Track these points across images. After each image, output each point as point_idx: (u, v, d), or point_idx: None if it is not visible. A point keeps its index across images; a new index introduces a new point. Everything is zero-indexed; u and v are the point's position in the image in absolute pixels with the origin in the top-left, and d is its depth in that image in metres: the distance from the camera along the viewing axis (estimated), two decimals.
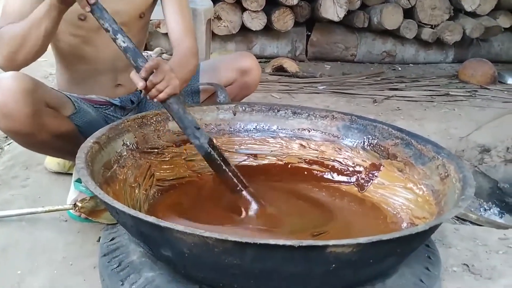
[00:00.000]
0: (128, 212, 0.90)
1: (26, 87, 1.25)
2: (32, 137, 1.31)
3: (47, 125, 1.33)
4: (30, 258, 1.27)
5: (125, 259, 1.09)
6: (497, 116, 2.73)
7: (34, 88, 1.28)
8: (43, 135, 1.33)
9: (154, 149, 1.42)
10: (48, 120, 1.33)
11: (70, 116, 1.43)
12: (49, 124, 1.34)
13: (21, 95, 1.24)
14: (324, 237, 1.21)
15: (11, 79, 1.25)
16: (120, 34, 1.23)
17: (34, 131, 1.30)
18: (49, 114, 1.34)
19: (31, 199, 1.57)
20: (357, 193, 1.44)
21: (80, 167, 1.05)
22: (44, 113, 1.32)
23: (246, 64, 1.67)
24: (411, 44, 4.03)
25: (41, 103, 1.30)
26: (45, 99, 1.33)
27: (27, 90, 1.25)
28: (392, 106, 2.89)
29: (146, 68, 1.21)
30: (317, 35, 3.96)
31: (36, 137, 1.32)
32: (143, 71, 1.21)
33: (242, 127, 1.57)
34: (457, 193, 1.10)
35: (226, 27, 3.64)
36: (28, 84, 1.26)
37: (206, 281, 0.98)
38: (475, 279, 1.22)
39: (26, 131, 1.28)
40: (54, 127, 1.35)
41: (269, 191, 1.47)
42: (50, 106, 1.35)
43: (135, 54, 1.23)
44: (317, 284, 0.94)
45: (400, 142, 1.39)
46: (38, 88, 1.30)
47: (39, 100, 1.29)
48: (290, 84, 3.21)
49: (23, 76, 1.27)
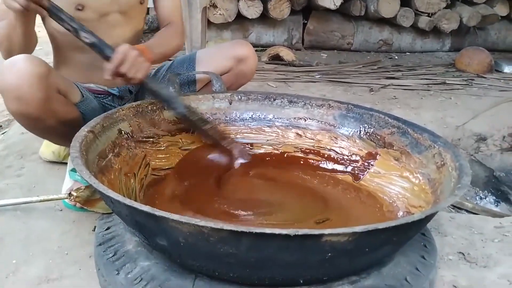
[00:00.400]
0: (123, 202, 0.89)
1: (41, 72, 1.24)
2: (40, 121, 1.31)
3: (56, 110, 1.33)
4: (25, 248, 1.26)
5: (120, 248, 1.09)
6: (493, 105, 2.73)
7: (48, 73, 1.27)
8: (51, 121, 1.32)
9: (150, 138, 1.41)
10: (58, 106, 1.33)
11: (77, 103, 1.43)
12: (58, 109, 1.33)
13: (36, 79, 1.23)
14: (328, 224, 1.22)
15: (27, 62, 1.24)
16: (82, 31, 1.29)
17: (44, 116, 1.29)
18: (59, 100, 1.34)
19: (26, 189, 1.56)
20: (353, 182, 1.44)
21: (74, 156, 1.04)
22: (55, 98, 1.32)
23: (242, 52, 1.66)
24: (407, 33, 4.02)
25: (53, 88, 1.31)
26: (57, 85, 1.33)
27: (42, 75, 1.24)
28: (389, 95, 2.88)
29: (114, 62, 1.28)
30: (314, 23, 3.94)
31: (45, 122, 1.31)
32: (111, 65, 1.28)
33: (238, 116, 1.56)
34: (453, 182, 1.10)
35: (222, 15, 3.61)
36: (43, 69, 1.26)
37: (202, 270, 0.98)
38: (470, 267, 1.23)
39: (36, 115, 1.28)
40: (62, 113, 1.35)
41: (266, 180, 1.47)
42: (61, 92, 1.35)
43: (101, 47, 1.30)
44: (313, 272, 0.95)
45: (397, 131, 1.39)
46: (51, 73, 1.30)
47: (52, 86, 1.29)
48: (286, 73, 3.19)
49: (38, 60, 1.26)
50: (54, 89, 1.31)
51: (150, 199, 1.30)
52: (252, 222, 1.23)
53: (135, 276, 1.00)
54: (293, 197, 1.40)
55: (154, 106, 1.44)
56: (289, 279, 0.95)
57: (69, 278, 1.15)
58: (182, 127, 1.48)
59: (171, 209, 1.21)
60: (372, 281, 1.01)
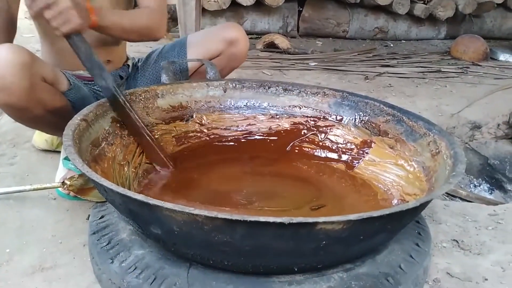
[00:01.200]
0: (116, 190, 0.89)
1: (24, 60, 1.22)
2: (27, 111, 1.29)
3: (43, 100, 1.30)
4: (19, 237, 1.26)
5: (114, 237, 1.09)
6: (488, 93, 2.73)
7: (31, 61, 1.25)
8: (38, 110, 1.31)
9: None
10: (44, 95, 1.31)
11: (65, 92, 1.40)
12: (45, 99, 1.31)
13: (19, 68, 1.21)
14: (323, 211, 1.22)
15: (8, 51, 1.21)
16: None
17: (30, 106, 1.27)
18: (45, 89, 1.32)
19: (19, 177, 1.55)
20: (348, 170, 1.44)
21: (67, 144, 1.03)
22: (40, 87, 1.29)
23: (232, 34, 1.64)
24: (403, 20, 4.01)
25: (38, 77, 1.28)
26: (42, 73, 1.30)
27: (25, 64, 1.22)
28: (384, 83, 2.87)
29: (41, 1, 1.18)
30: (309, 10, 3.91)
31: (32, 112, 1.30)
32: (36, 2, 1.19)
33: (232, 104, 1.55)
34: (448, 170, 1.10)
35: (216, 2, 3.58)
36: (26, 57, 1.23)
37: (196, 259, 0.98)
38: (464, 255, 1.23)
39: (22, 105, 1.26)
40: (49, 102, 1.33)
41: (260, 168, 1.47)
42: (46, 81, 1.33)
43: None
44: (308, 260, 0.94)
45: (392, 118, 1.39)
46: (35, 62, 1.27)
47: (36, 74, 1.27)
48: (281, 61, 3.18)
49: (20, 49, 1.24)
50: (38, 77, 1.28)
51: (145, 188, 1.30)
52: (247, 208, 1.23)
53: (129, 264, 1.00)
54: (288, 185, 1.39)
55: (148, 94, 1.43)
56: (284, 267, 0.95)
57: (63, 267, 1.15)
58: (176, 115, 1.47)
59: (165, 197, 1.22)
60: (367, 269, 1.01)
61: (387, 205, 1.27)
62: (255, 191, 1.34)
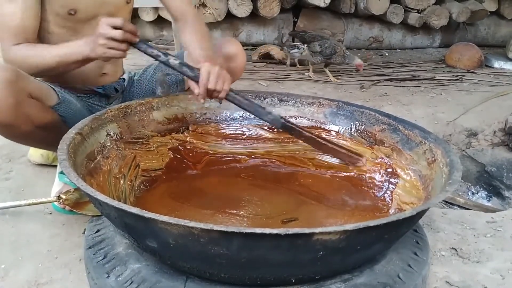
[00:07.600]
0: (111, 204, 0.88)
1: (8, 77, 1.22)
2: (15, 128, 1.28)
3: (30, 116, 1.30)
4: (14, 252, 1.25)
5: (110, 251, 1.08)
6: (484, 100, 2.74)
7: (16, 78, 1.25)
8: (27, 126, 1.30)
9: (139, 139, 1.40)
10: (32, 111, 1.30)
11: (54, 106, 1.40)
12: (32, 114, 1.31)
13: (4, 86, 1.21)
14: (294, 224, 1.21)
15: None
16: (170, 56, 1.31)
17: (17, 122, 1.27)
18: (32, 105, 1.31)
19: (14, 192, 1.54)
20: (344, 179, 1.44)
21: (62, 158, 1.03)
22: (27, 103, 1.29)
23: (231, 50, 1.65)
24: (398, 29, 4.03)
25: (23, 93, 1.27)
26: (28, 89, 1.30)
27: (9, 80, 1.22)
28: (380, 92, 2.88)
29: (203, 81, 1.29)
30: (304, 21, 3.93)
31: (20, 128, 1.29)
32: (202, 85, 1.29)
33: (228, 116, 1.55)
34: (444, 178, 1.09)
35: (212, 15, 3.60)
36: (10, 74, 1.23)
37: (193, 271, 0.97)
38: (463, 263, 1.23)
39: (9, 122, 1.25)
40: (37, 118, 1.32)
41: (256, 180, 1.47)
42: (33, 96, 1.32)
43: (187, 67, 1.31)
44: (305, 271, 0.94)
45: (387, 127, 1.39)
46: (20, 78, 1.27)
47: (21, 91, 1.26)
48: (277, 71, 3.19)
49: (4, 67, 1.24)
50: (25, 94, 1.27)
51: (141, 201, 1.29)
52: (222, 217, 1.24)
53: (125, 278, 0.99)
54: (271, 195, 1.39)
55: (143, 107, 1.43)
56: (281, 279, 0.94)
57: (59, 282, 1.14)
58: (171, 127, 1.47)
59: (161, 210, 1.21)
60: (365, 279, 1.00)
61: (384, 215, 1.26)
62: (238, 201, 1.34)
